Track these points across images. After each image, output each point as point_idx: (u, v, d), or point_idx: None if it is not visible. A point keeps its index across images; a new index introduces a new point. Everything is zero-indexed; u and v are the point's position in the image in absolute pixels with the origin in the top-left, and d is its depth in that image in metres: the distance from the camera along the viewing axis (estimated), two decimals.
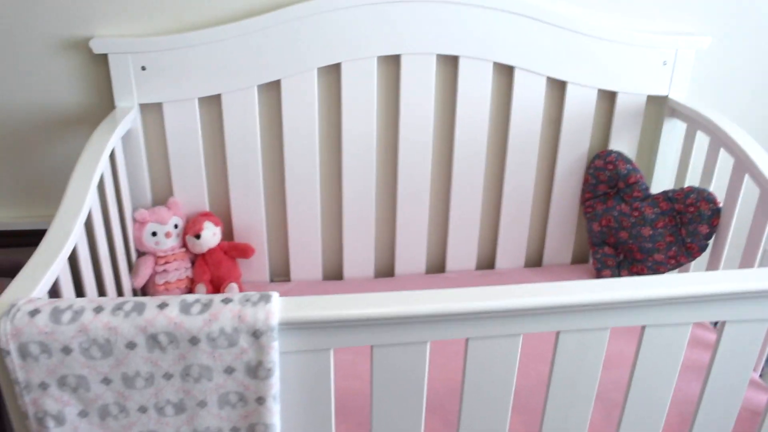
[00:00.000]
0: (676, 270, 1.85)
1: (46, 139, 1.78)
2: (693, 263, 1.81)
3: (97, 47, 1.62)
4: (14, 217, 1.87)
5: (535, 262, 2.07)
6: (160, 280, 1.74)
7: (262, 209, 1.86)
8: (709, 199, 1.71)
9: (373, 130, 1.82)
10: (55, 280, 1.13)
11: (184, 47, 1.65)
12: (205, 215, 1.79)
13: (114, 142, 1.54)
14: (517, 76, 1.80)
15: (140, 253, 1.79)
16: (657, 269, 1.81)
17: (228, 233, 1.88)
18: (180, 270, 1.77)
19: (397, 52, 1.74)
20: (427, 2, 1.70)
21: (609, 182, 1.86)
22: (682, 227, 1.75)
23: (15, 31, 1.65)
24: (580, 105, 1.85)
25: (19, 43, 1.67)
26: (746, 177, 1.61)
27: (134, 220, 1.72)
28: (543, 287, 1.06)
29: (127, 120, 1.63)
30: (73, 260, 1.23)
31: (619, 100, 1.85)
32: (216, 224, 1.78)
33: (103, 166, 1.46)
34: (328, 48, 1.71)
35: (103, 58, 1.67)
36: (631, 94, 1.85)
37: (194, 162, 1.78)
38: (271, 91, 1.76)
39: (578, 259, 2.08)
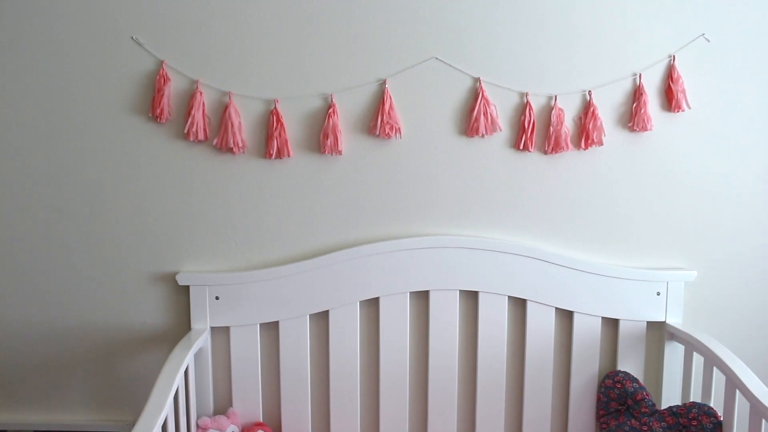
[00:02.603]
0: None
1: (128, 353, 2.14)
2: None
3: (182, 280, 2.04)
4: (91, 420, 2.16)
5: None
6: None
7: (308, 422, 2.10)
8: (710, 413, 1.89)
9: (407, 356, 2.10)
10: None
11: (251, 282, 2.04)
12: (259, 425, 2.05)
13: (189, 359, 1.87)
14: (530, 308, 2.10)
15: None
16: None
17: None
18: None
19: (426, 288, 2.08)
20: (451, 248, 2.06)
21: (619, 400, 2.06)
22: None
23: (117, 268, 2.09)
24: (587, 331, 2.11)
25: (118, 277, 2.10)
26: (737, 393, 1.80)
27: (197, 426, 1.99)
28: None
29: (200, 340, 1.98)
30: None
31: (622, 326, 2.11)
32: None
33: (180, 378, 1.77)
34: (368, 285, 2.07)
35: (185, 289, 2.07)
36: (632, 320, 2.10)
37: (253, 377, 2.08)
38: (321, 319, 2.10)
39: None
